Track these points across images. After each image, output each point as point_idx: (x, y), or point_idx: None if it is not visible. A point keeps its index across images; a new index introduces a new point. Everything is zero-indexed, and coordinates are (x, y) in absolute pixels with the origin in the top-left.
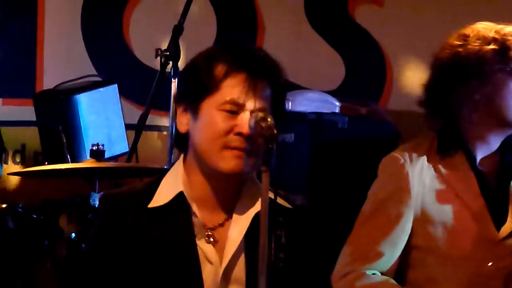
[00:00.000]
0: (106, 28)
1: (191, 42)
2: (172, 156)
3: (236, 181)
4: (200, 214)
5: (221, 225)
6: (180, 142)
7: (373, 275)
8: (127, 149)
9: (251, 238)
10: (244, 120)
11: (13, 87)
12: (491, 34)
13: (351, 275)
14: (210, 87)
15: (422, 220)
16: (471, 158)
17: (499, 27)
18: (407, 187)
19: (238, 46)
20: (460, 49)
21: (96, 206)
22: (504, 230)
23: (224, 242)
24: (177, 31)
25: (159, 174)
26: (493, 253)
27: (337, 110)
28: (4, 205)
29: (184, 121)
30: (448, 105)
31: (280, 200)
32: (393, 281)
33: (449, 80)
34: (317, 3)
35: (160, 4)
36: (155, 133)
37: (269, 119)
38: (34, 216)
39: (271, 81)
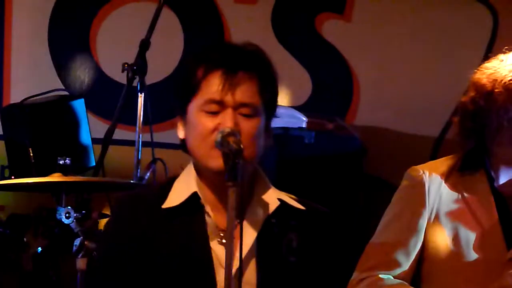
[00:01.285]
0: (73, 43)
1: (158, 56)
2: (139, 170)
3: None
4: (214, 215)
5: (237, 226)
6: (184, 148)
7: (389, 279)
8: (94, 163)
9: (263, 241)
10: (226, 117)
11: None
12: None
13: (367, 280)
14: (192, 89)
15: (435, 232)
16: (491, 178)
17: None
18: (423, 199)
19: (220, 45)
20: (493, 71)
21: (62, 220)
22: None
23: (236, 244)
24: (144, 45)
25: (172, 177)
26: (500, 272)
27: (304, 125)
28: None
29: (180, 127)
30: (480, 125)
31: (293, 202)
32: (407, 284)
33: (483, 100)
34: (284, 18)
35: (127, 18)
36: (122, 147)
37: (236, 134)
38: (1, 230)
39: (253, 72)
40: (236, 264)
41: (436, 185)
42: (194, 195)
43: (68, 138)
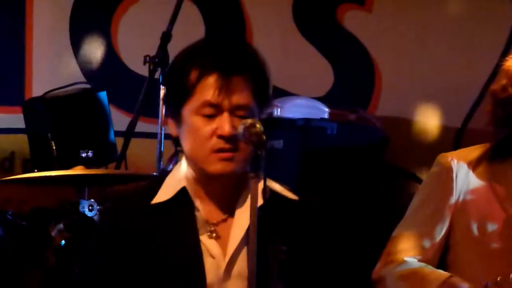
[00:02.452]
0: (94, 35)
1: (180, 48)
2: (161, 163)
3: (233, 179)
4: (203, 209)
5: (224, 220)
6: (177, 144)
7: (413, 262)
8: (116, 156)
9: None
10: (223, 122)
11: (1, 95)
12: None
13: (393, 263)
14: (186, 93)
15: (461, 219)
16: None
17: None
18: (451, 186)
19: (211, 45)
20: None
21: (86, 213)
22: None
23: (227, 238)
24: (166, 37)
25: (165, 172)
26: None
27: (326, 116)
28: None
29: (171, 126)
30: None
31: (285, 192)
32: (430, 267)
33: None
34: (305, 9)
35: (148, 11)
36: (144, 140)
37: (257, 125)
38: (24, 223)
39: (247, 73)
40: (226, 258)
41: (464, 173)
42: (183, 190)
43: (91, 131)
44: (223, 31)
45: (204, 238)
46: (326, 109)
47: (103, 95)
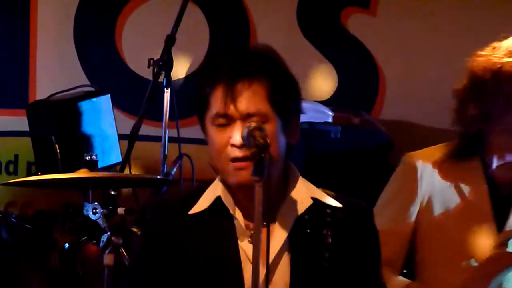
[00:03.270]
0: (98, 39)
1: (184, 51)
2: (165, 166)
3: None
4: (243, 216)
5: (266, 226)
6: None
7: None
8: (120, 159)
9: (295, 240)
10: (234, 131)
11: (6, 98)
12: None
13: None
14: (203, 105)
15: (427, 218)
16: (485, 165)
17: None
18: (415, 185)
19: (219, 56)
20: (484, 59)
21: (89, 216)
22: (503, 235)
23: (265, 245)
24: (170, 41)
25: (207, 183)
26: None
27: (330, 120)
28: None
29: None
30: (474, 112)
31: (328, 199)
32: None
33: (475, 88)
34: (309, 13)
35: (152, 14)
36: (148, 143)
37: (262, 129)
38: (28, 226)
39: (257, 77)
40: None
41: (429, 173)
42: (219, 200)
43: (95, 134)
44: (227, 34)
45: (244, 244)
46: (330, 113)
47: (106, 98)
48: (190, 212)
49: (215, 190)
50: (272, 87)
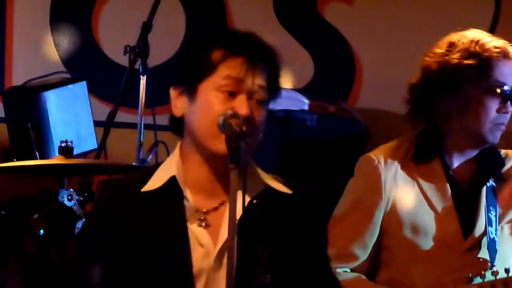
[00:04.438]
0: (75, 25)
1: (160, 38)
2: (141, 153)
3: (226, 165)
4: (194, 198)
5: (215, 209)
6: (175, 126)
7: (345, 273)
8: (95, 146)
9: (245, 224)
10: (242, 102)
11: None
12: (473, 48)
13: None
14: (207, 68)
15: (392, 222)
16: (446, 166)
17: (486, 39)
18: (379, 189)
19: (235, 32)
20: (441, 59)
21: (65, 202)
22: (470, 239)
23: (218, 226)
24: (146, 28)
25: (159, 162)
26: (457, 262)
27: (306, 108)
28: None
29: (179, 105)
30: (429, 110)
31: (279, 186)
32: (364, 277)
33: (430, 86)
34: (286, 1)
35: (129, 1)
36: (124, 130)
37: (238, 116)
38: (3, 213)
39: (267, 65)
40: (217, 247)
41: (391, 175)
42: (173, 179)
43: (70, 121)
44: (203, 20)
45: (193, 227)
46: (306, 101)
47: (82, 84)
48: (143, 189)
49: (169, 169)
50: (270, 75)
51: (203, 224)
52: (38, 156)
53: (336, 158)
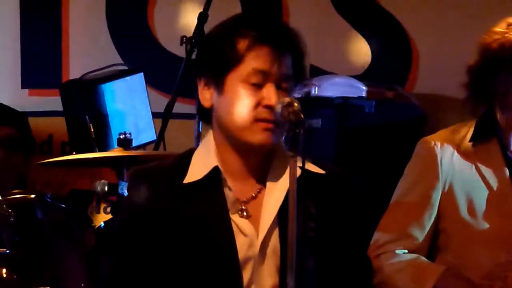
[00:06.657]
0: (131, 17)
1: None
2: (199, 143)
3: (265, 152)
4: (233, 187)
5: (254, 197)
6: (205, 116)
7: (404, 254)
8: (154, 138)
9: (285, 211)
10: (271, 92)
11: (39, 78)
12: None
13: (382, 256)
14: (234, 60)
15: (449, 204)
16: (504, 146)
17: None
18: (436, 170)
19: (260, 19)
20: (501, 36)
21: (124, 194)
22: None
23: (257, 215)
24: (202, 18)
25: (190, 149)
26: None
27: (363, 95)
28: (32, 196)
29: (207, 96)
30: (488, 92)
31: (311, 166)
32: (423, 258)
33: (489, 64)
34: None
35: None
36: (182, 121)
37: (295, 104)
38: (63, 205)
39: (293, 52)
40: (262, 233)
41: (448, 156)
42: (215, 169)
43: (128, 113)
44: (259, 9)
45: (235, 217)
46: (364, 87)
47: (140, 76)
48: (185, 181)
49: (208, 158)
50: (296, 62)
51: (244, 214)
52: (96, 148)
53: (394, 144)
